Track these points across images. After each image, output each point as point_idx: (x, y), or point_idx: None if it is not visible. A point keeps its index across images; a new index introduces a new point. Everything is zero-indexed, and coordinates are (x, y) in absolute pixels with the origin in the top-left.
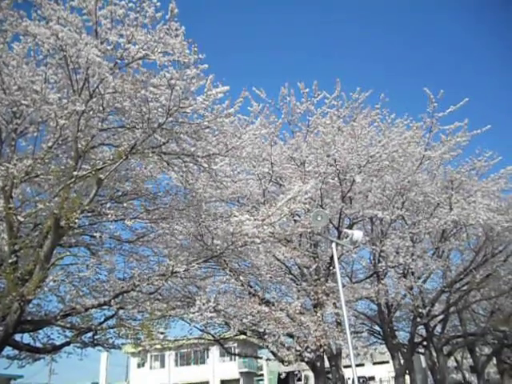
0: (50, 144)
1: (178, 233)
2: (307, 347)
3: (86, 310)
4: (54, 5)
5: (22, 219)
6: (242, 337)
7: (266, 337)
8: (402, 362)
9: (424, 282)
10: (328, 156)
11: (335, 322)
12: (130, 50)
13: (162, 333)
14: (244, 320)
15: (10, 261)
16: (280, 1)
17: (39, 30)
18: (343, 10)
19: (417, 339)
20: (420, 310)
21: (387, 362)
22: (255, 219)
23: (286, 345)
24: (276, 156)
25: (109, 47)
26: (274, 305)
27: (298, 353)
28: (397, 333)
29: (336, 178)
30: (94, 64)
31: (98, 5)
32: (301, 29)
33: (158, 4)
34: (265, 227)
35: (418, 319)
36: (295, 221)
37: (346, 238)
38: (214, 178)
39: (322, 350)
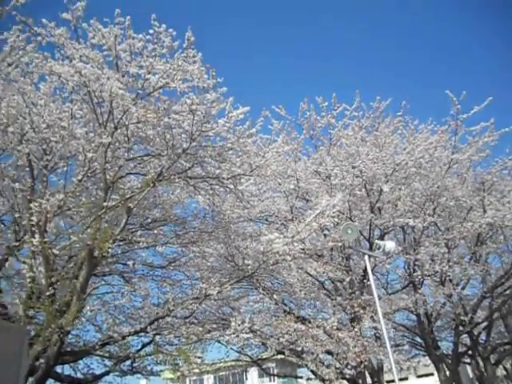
0: (79, 177)
1: (209, 255)
2: (347, 364)
3: (123, 338)
4: (76, 44)
5: (57, 252)
6: (280, 356)
7: (304, 355)
8: (447, 373)
9: (463, 288)
10: (353, 167)
11: (374, 335)
12: (151, 80)
13: (199, 357)
14: (281, 339)
15: (47, 293)
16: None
17: (63, 69)
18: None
19: (461, 349)
20: (462, 318)
21: (432, 375)
22: (285, 236)
23: (326, 362)
24: (301, 172)
25: (130, 79)
26: (310, 322)
27: (339, 370)
28: (440, 343)
29: (363, 189)
30: (117, 96)
31: (117, 40)
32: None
33: (174, 33)
34: (295, 244)
35: (461, 328)
36: (325, 235)
37: (378, 249)
38: (241, 199)
39: (362, 365)
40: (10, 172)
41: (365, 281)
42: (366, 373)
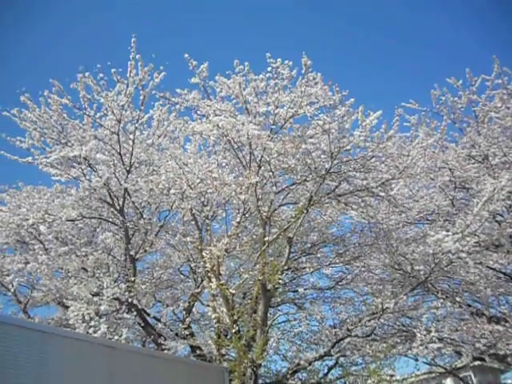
0: (237, 219)
1: (374, 267)
2: None
3: (310, 363)
4: (208, 101)
5: (234, 291)
6: (478, 363)
7: (508, 359)
8: None
9: None
10: None
11: None
12: (280, 113)
13: (391, 375)
14: (477, 344)
15: (233, 331)
16: None
17: (203, 126)
18: None
19: None
20: None
21: None
22: (454, 233)
23: None
24: (452, 160)
25: (261, 118)
26: (506, 321)
27: None
28: None
29: None
30: (254, 137)
31: (241, 87)
32: None
33: (291, 63)
34: (467, 239)
35: None
36: (499, 222)
37: None
38: (395, 204)
39: None
40: (179, 228)
41: None
42: None
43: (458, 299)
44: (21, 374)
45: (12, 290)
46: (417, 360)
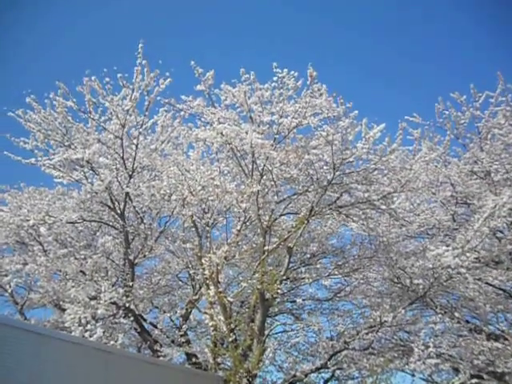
0: (238, 227)
1: (373, 280)
2: None
3: (306, 375)
4: (212, 109)
5: (232, 299)
6: (475, 381)
7: (506, 378)
8: None
9: None
10: None
11: None
12: (284, 123)
13: None
14: (475, 361)
15: (230, 339)
16: None
17: (207, 133)
18: None
19: None
20: None
21: None
22: (454, 248)
23: None
24: (454, 175)
25: (265, 127)
26: (506, 339)
27: None
28: None
29: None
30: (257, 146)
31: (246, 95)
32: None
33: (296, 74)
34: (467, 254)
35: None
36: (499, 238)
37: None
38: (396, 217)
39: None
40: (179, 234)
41: None
42: None
43: (456, 315)
44: (15, 376)
45: (9, 291)
46: (414, 375)
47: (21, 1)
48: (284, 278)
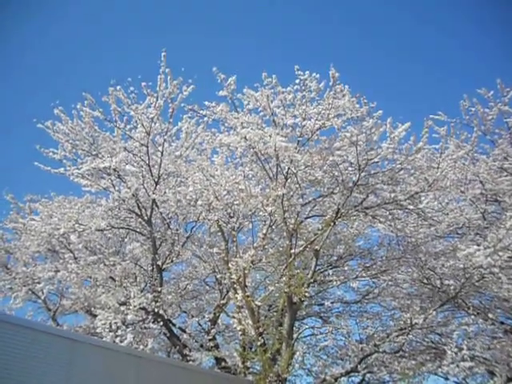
0: (264, 231)
1: (402, 281)
2: None
3: (336, 379)
4: (236, 114)
5: (260, 303)
6: None
7: None
8: None
9: None
10: None
11: None
12: (307, 126)
13: None
14: (511, 364)
15: (258, 343)
16: None
17: (230, 138)
18: None
19: None
20: None
21: None
22: (485, 247)
23: None
24: (483, 173)
25: (288, 130)
26: None
27: None
28: None
29: None
30: (281, 149)
31: (269, 99)
32: None
33: (318, 76)
34: (499, 253)
35: None
36: None
37: None
38: (424, 217)
39: None
40: (205, 239)
41: None
42: None
43: (490, 316)
44: (49, 381)
45: (42, 298)
46: (447, 379)
47: (46, 17)
48: (311, 280)
